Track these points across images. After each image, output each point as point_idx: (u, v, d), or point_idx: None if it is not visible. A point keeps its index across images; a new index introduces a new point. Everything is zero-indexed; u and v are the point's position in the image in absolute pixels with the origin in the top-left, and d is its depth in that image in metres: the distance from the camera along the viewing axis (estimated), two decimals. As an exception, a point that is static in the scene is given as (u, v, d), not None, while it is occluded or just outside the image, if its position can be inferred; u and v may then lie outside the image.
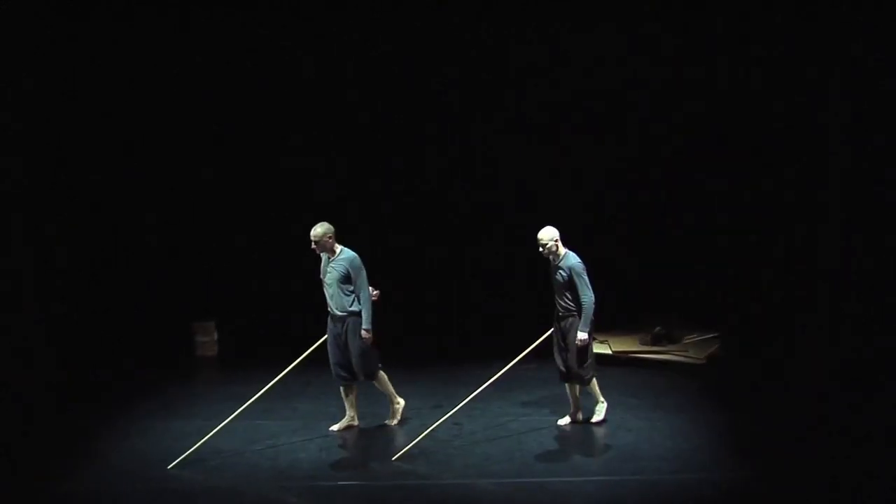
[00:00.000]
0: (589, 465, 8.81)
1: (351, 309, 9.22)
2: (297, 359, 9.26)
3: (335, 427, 9.59)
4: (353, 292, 9.21)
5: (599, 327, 12.08)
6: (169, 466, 8.57)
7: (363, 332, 9.21)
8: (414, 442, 8.94)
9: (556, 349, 9.48)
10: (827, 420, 9.69)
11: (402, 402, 9.74)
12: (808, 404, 10.17)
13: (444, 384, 10.86)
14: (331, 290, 9.26)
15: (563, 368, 9.46)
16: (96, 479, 8.56)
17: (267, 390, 9.30)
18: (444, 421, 9.22)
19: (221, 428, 9.00)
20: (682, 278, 12.88)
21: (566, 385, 9.63)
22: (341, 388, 9.55)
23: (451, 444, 9.26)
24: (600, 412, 9.65)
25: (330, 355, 9.40)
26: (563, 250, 9.25)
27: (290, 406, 10.19)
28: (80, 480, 8.54)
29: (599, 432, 9.50)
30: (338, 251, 9.22)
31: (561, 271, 9.23)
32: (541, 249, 9.22)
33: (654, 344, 11.78)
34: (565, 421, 9.67)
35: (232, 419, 9.10)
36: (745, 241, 12.72)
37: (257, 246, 13.02)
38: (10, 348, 11.20)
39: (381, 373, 9.53)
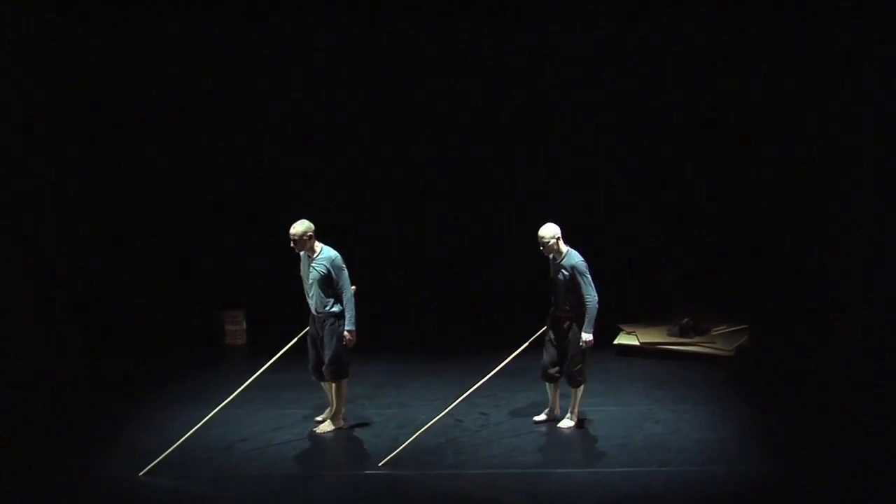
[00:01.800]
0: (616, 455, 8.68)
1: (331, 310, 8.91)
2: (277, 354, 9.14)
3: (319, 417, 9.40)
4: (333, 293, 8.89)
5: (628, 319, 12.11)
6: (141, 473, 8.28)
7: (346, 334, 8.90)
8: (406, 442, 8.67)
9: (546, 347, 9.14)
10: (856, 414, 9.52)
11: (343, 422, 9.32)
12: (837, 397, 10.00)
13: (472, 375, 10.68)
14: (311, 290, 8.94)
15: (550, 368, 9.14)
16: (124, 465, 8.53)
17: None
18: (439, 418, 9.01)
19: (202, 426, 8.79)
20: (710, 270, 12.72)
21: (547, 384, 9.32)
22: (324, 384, 9.28)
23: (479, 435, 9.19)
24: (570, 422, 9.27)
25: (309, 355, 9.14)
26: (564, 248, 8.88)
27: (319, 395, 10.07)
28: (109, 467, 8.53)
29: (627, 423, 9.38)
30: (318, 250, 8.89)
31: (563, 270, 8.86)
32: (541, 248, 8.86)
33: (682, 335, 11.63)
34: (542, 417, 9.37)
35: (209, 419, 8.86)
36: (774, 232, 12.55)
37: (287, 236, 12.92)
38: (41, 337, 11.23)
39: (345, 381, 9.16)
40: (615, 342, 11.66)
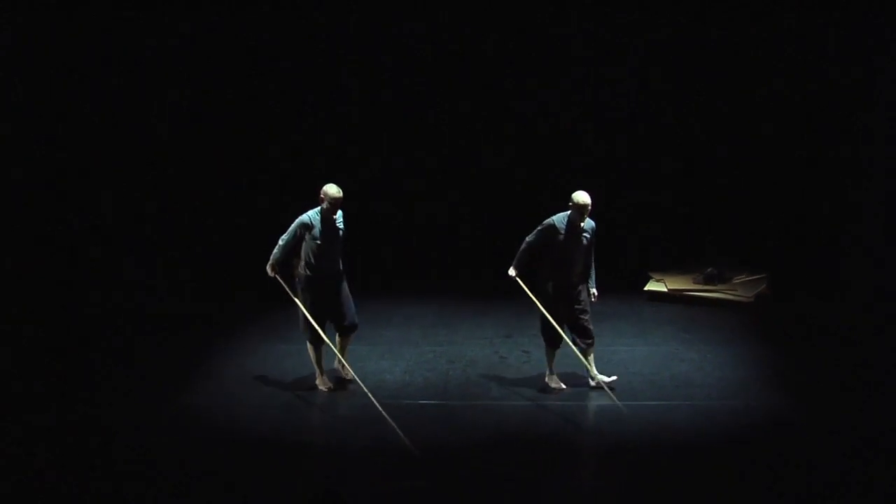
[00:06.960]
0: (646, 390, 8.82)
1: (342, 265, 8.77)
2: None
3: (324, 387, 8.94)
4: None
5: (657, 267, 12.09)
6: None
7: None
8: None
9: (562, 316, 8.57)
10: (867, 354, 9.56)
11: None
12: (850, 340, 10.00)
13: (515, 317, 10.76)
14: (333, 248, 8.58)
15: (574, 335, 8.62)
16: (210, 393, 8.82)
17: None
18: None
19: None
20: (733, 222, 12.52)
21: (550, 350, 8.77)
22: (317, 350, 8.81)
23: (520, 370, 9.37)
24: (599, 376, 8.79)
25: (321, 314, 8.66)
26: None
27: (378, 333, 10.24)
28: (196, 394, 8.80)
29: (655, 362, 9.49)
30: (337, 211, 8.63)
31: (585, 234, 8.42)
32: (583, 215, 8.28)
33: (706, 283, 11.66)
34: (560, 384, 8.85)
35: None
36: (793, 181, 12.24)
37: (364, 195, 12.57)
38: (137, 281, 11.54)
39: None
40: (645, 289, 11.71)
